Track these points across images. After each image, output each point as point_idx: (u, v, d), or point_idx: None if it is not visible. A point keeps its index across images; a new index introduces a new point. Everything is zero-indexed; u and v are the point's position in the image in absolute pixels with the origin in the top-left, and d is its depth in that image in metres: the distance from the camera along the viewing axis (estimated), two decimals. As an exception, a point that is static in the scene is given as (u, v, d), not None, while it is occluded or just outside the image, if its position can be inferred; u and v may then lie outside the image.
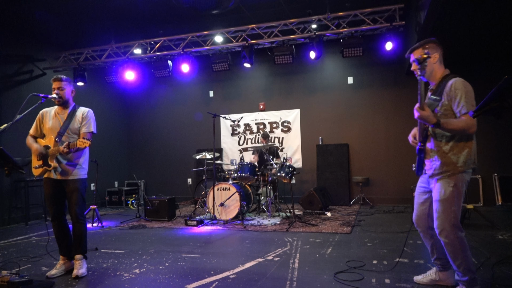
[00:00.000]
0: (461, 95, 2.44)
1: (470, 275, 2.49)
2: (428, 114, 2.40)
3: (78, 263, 3.44)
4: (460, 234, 2.49)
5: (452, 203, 2.49)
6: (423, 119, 2.43)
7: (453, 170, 2.50)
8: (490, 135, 7.14)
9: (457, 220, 2.50)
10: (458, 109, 2.45)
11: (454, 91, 2.47)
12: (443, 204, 2.51)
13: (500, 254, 3.70)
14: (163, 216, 6.40)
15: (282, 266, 3.54)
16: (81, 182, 3.54)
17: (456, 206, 2.49)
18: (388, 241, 4.50)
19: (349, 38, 6.65)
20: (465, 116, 2.40)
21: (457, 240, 2.47)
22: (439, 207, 2.53)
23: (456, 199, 2.49)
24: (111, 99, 9.38)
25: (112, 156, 9.20)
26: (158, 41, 7.56)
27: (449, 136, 2.52)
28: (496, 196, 6.94)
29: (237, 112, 8.83)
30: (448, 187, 2.50)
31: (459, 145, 2.52)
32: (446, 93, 2.50)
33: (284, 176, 6.07)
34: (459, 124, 2.40)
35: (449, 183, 2.50)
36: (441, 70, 2.68)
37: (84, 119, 3.58)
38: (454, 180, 2.50)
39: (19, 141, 6.69)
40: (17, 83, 7.06)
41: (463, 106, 2.42)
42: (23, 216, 6.68)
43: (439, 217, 2.52)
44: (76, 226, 3.50)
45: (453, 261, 2.52)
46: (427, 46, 2.62)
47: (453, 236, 2.47)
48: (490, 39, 6.25)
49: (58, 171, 3.45)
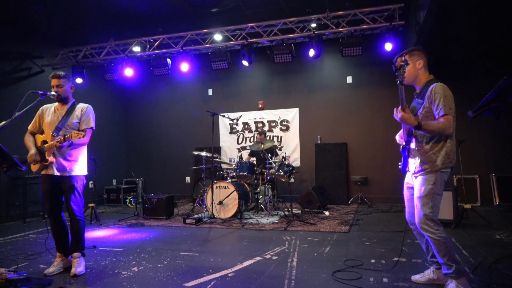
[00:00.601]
0: (440, 98, 2.59)
1: (456, 265, 2.57)
2: (409, 116, 2.54)
3: (76, 261, 3.43)
4: (438, 227, 2.61)
5: (429, 199, 2.62)
6: (404, 121, 2.56)
7: (432, 168, 2.64)
8: (487, 135, 7.17)
9: (435, 215, 2.63)
10: (437, 111, 2.61)
11: (434, 94, 2.63)
12: (422, 200, 2.65)
13: (497, 253, 3.72)
14: (162, 214, 6.40)
15: (281, 265, 3.55)
16: (78, 179, 3.52)
17: (433, 202, 2.62)
18: (386, 240, 4.51)
19: (348, 38, 6.65)
20: (443, 118, 2.55)
21: (436, 232, 2.58)
22: (418, 204, 2.68)
23: (433, 196, 2.62)
24: (109, 96, 9.35)
25: (110, 154, 9.18)
26: (157, 39, 7.54)
27: (429, 136, 2.67)
28: (493, 196, 6.96)
29: (236, 111, 8.82)
30: (428, 184, 2.64)
31: (438, 145, 2.66)
32: (427, 96, 2.68)
33: (282, 175, 6.08)
34: (437, 126, 2.55)
35: (429, 180, 2.64)
36: (425, 75, 2.85)
37: (83, 115, 3.56)
38: (434, 178, 2.63)
39: (18, 138, 6.67)
40: (15, 80, 7.02)
41: (441, 108, 2.57)
42: (21, 213, 6.66)
43: (418, 213, 2.67)
44: (73, 222, 3.49)
45: (438, 253, 2.61)
46: (413, 53, 2.83)
47: (432, 229, 2.59)
48: (489, 39, 6.26)
49: (55, 166, 3.43)
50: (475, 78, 7.09)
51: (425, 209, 2.62)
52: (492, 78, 2.76)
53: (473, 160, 7.07)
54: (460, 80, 7.04)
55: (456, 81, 6.83)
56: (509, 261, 3.48)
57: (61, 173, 3.45)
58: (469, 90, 6.57)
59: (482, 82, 6.77)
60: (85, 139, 3.50)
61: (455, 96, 2.65)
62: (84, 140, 3.49)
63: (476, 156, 7.14)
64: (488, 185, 7.08)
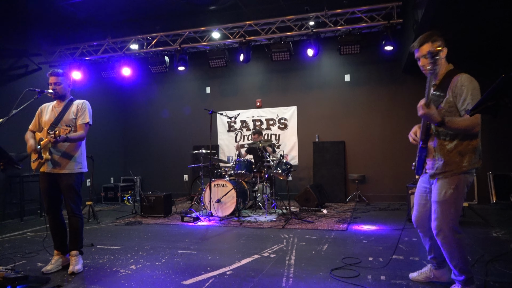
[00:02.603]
0: (467, 91, 2.33)
1: (466, 275, 2.48)
2: (434, 112, 2.29)
3: (74, 259, 3.43)
4: (457, 236, 2.44)
5: (451, 205, 2.42)
6: (427, 117, 2.31)
7: (456, 170, 2.42)
8: (485, 133, 7.07)
9: (456, 222, 2.45)
10: (463, 106, 2.35)
11: (460, 87, 2.36)
12: (442, 205, 2.44)
13: (494, 251, 3.74)
14: (159, 213, 6.39)
15: (278, 263, 3.55)
16: (76, 176, 3.50)
17: (454, 209, 2.43)
18: (384, 238, 4.52)
19: (346, 36, 6.65)
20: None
21: (454, 242, 2.43)
22: (437, 208, 2.46)
23: (455, 201, 2.43)
24: (107, 94, 9.31)
25: (108, 152, 9.16)
26: (154, 36, 7.51)
27: (453, 134, 2.42)
28: (490, 194, 7.00)
29: (234, 109, 8.81)
30: (449, 188, 2.42)
31: (463, 143, 2.41)
32: (451, 89, 2.39)
33: (280, 173, 6.08)
34: (464, 123, 2.31)
35: (450, 184, 2.42)
36: (446, 64, 2.59)
37: (79, 110, 3.54)
38: (456, 181, 2.42)
39: (15, 136, 6.65)
40: (12, 78, 6.99)
41: (469, 103, 2.31)
42: (18, 211, 6.64)
43: (437, 218, 2.47)
44: (72, 220, 3.49)
45: (450, 261, 2.51)
46: (436, 39, 2.50)
47: (451, 239, 2.43)
48: (488, 38, 6.27)
49: (52, 163, 3.42)
50: (474, 77, 7.09)
51: (446, 217, 2.41)
52: (489, 77, 2.72)
53: (470, 158, 7.08)
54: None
55: (454, 79, 6.79)
56: (505, 259, 3.50)
57: (58, 170, 3.44)
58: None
59: (480, 80, 6.74)
60: (82, 134, 3.50)
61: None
62: (81, 134, 3.48)
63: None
64: (485, 183, 7.11)
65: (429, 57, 2.27)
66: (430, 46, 2.46)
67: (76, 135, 3.44)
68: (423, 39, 2.52)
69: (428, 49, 2.45)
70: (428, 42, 2.49)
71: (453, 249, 2.44)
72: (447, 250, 2.47)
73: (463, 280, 2.49)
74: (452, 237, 2.43)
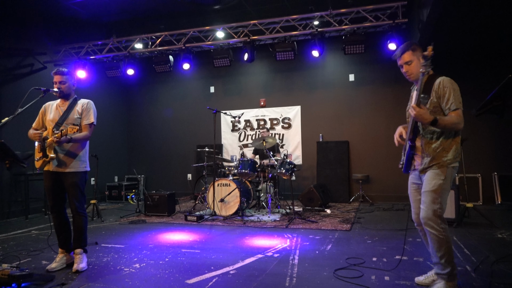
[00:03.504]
0: (450, 92, 2.55)
1: (451, 268, 2.57)
2: (425, 112, 2.47)
3: (78, 257, 3.45)
4: (444, 225, 2.58)
5: (439, 195, 2.58)
6: (420, 117, 2.47)
7: (443, 163, 2.61)
8: (490, 134, 7.14)
9: (442, 211, 2.59)
10: (447, 106, 2.56)
11: (443, 88, 2.58)
12: (431, 194, 2.60)
13: (499, 252, 3.71)
14: (163, 212, 6.41)
15: (282, 263, 3.55)
16: (80, 175, 3.52)
17: (442, 198, 2.59)
18: (388, 238, 4.51)
19: (351, 35, 6.62)
20: (454, 113, 2.52)
21: (441, 230, 2.56)
22: (426, 198, 2.63)
23: (443, 192, 2.59)
24: (111, 93, 9.35)
25: (112, 151, 9.20)
26: (159, 36, 7.53)
27: (439, 133, 2.63)
28: (495, 195, 6.95)
29: (238, 108, 8.81)
30: (439, 179, 2.60)
31: (447, 141, 2.63)
32: (435, 91, 2.61)
33: (284, 172, 6.07)
34: (451, 120, 2.51)
35: (440, 175, 2.60)
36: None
37: (84, 110, 3.56)
38: (445, 173, 2.60)
39: (20, 134, 6.70)
40: (17, 77, 7.03)
41: (452, 103, 2.53)
42: (23, 209, 6.68)
43: (425, 208, 2.62)
44: (76, 219, 3.51)
45: (437, 251, 2.60)
46: (415, 47, 2.74)
47: (438, 227, 2.56)
48: (494, 37, 6.23)
49: (56, 162, 3.44)
50: (479, 77, 7.05)
51: (434, 205, 2.58)
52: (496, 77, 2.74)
53: (476, 159, 7.05)
54: (463, 78, 6.93)
55: (459, 79, 6.69)
56: (511, 260, 3.47)
57: (63, 169, 3.46)
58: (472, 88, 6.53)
59: (486, 80, 6.73)
60: (86, 134, 3.52)
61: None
62: (85, 135, 3.51)
63: (479, 154, 7.12)
64: (490, 184, 7.07)
65: (424, 60, 2.44)
66: (411, 54, 2.71)
67: (80, 135, 3.46)
68: (404, 48, 2.76)
69: (409, 57, 2.72)
70: (408, 51, 2.72)
71: (441, 239, 2.56)
72: (435, 239, 2.59)
73: (447, 273, 2.58)
74: (439, 225, 2.57)
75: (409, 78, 2.80)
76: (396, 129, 2.98)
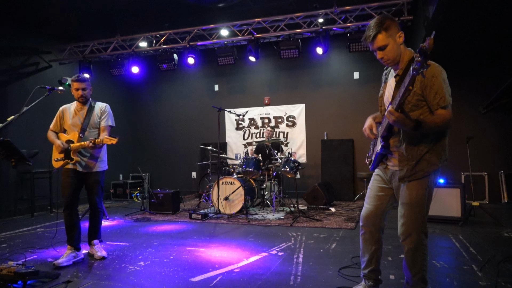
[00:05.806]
0: (439, 84, 1.99)
1: (424, 286, 2.23)
2: (405, 117, 1.90)
3: (97, 246, 3.77)
4: (425, 241, 2.22)
5: (422, 207, 2.17)
6: (399, 123, 1.93)
7: (429, 169, 2.14)
8: (496, 132, 7.07)
9: (426, 225, 2.21)
10: (435, 101, 2.02)
11: (431, 78, 2.00)
12: (413, 207, 2.18)
13: (505, 251, 3.68)
14: (168, 210, 6.43)
15: (287, 261, 3.55)
16: (102, 174, 3.78)
17: (425, 211, 2.19)
18: (392, 237, 4.47)
19: (356, 33, 6.58)
20: (443, 111, 2.01)
21: (422, 247, 2.20)
22: (407, 211, 2.20)
23: (427, 203, 2.19)
24: (116, 92, 9.38)
25: (117, 149, 9.18)
26: (163, 34, 7.53)
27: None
28: (502, 194, 6.89)
29: (242, 106, 8.81)
30: (421, 189, 2.16)
31: (433, 141, 2.15)
32: (419, 79, 1.99)
33: (288, 171, 6.06)
34: (439, 122, 2.00)
35: (422, 185, 2.16)
36: (407, 51, 2.18)
37: (103, 113, 3.82)
38: (428, 182, 2.16)
39: (26, 133, 6.77)
40: (23, 75, 7.07)
41: (442, 97, 2.00)
42: (29, 207, 6.73)
43: (406, 222, 2.21)
44: (95, 214, 3.76)
45: (411, 268, 2.24)
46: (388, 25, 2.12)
47: (420, 243, 2.19)
48: (501, 35, 6.15)
49: (82, 165, 3.64)
50: (485, 74, 6.97)
51: (417, 220, 2.17)
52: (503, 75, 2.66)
53: (482, 157, 6.99)
54: (470, 76, 6.91)
55: (466, 77, 6.75)
56: (517, 259, 3.44)
57: (88, 170, 3.68)
58: (479, 86, 6.48)
59: (492, 78, 6.66)
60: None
61: (463, 92, 2.49)
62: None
63: (485, 153, 7.06)
64: (497, 182, 7.01)
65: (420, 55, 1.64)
66: (385, 36, 2.10)
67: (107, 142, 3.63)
68: (375, 29, 2.13)
69: (383, 40, 2.11)
70: (380, 32, 2.11)
71: (419, 256, 2.20)
72: (412, 256, 2.23)
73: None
74: (421, 241, 2.19)
75: (387, 64, 2.22)
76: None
